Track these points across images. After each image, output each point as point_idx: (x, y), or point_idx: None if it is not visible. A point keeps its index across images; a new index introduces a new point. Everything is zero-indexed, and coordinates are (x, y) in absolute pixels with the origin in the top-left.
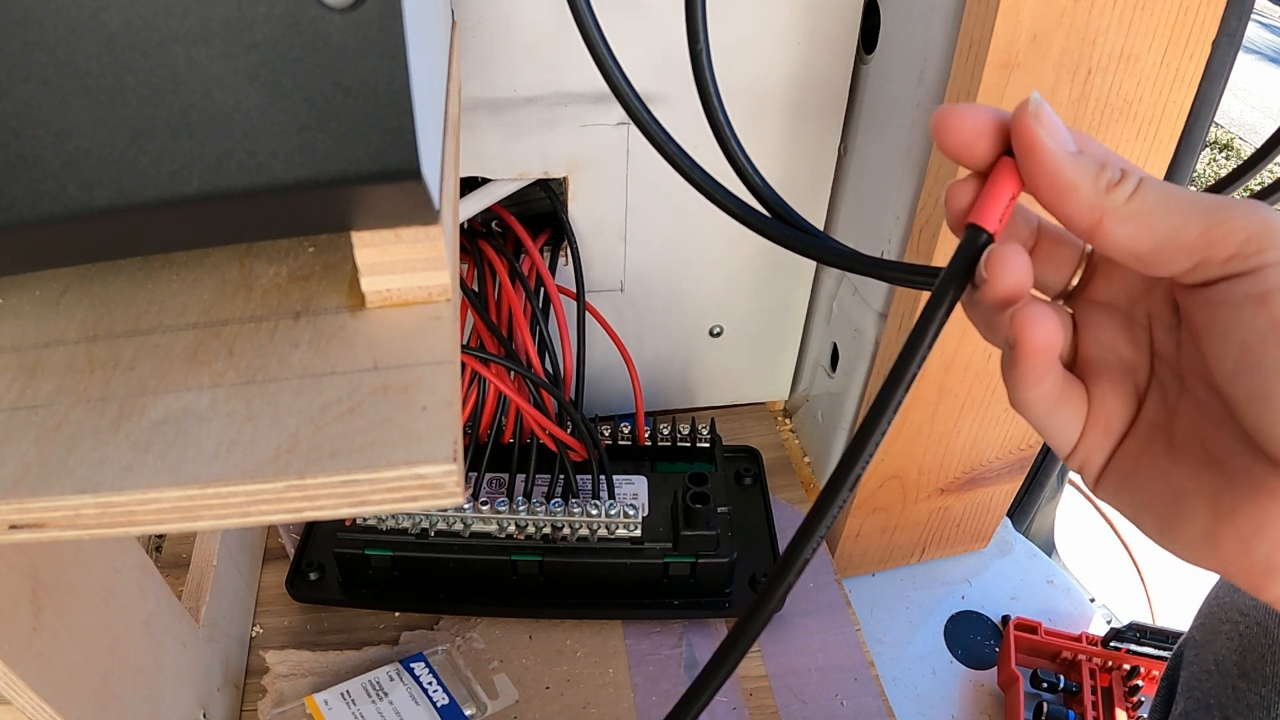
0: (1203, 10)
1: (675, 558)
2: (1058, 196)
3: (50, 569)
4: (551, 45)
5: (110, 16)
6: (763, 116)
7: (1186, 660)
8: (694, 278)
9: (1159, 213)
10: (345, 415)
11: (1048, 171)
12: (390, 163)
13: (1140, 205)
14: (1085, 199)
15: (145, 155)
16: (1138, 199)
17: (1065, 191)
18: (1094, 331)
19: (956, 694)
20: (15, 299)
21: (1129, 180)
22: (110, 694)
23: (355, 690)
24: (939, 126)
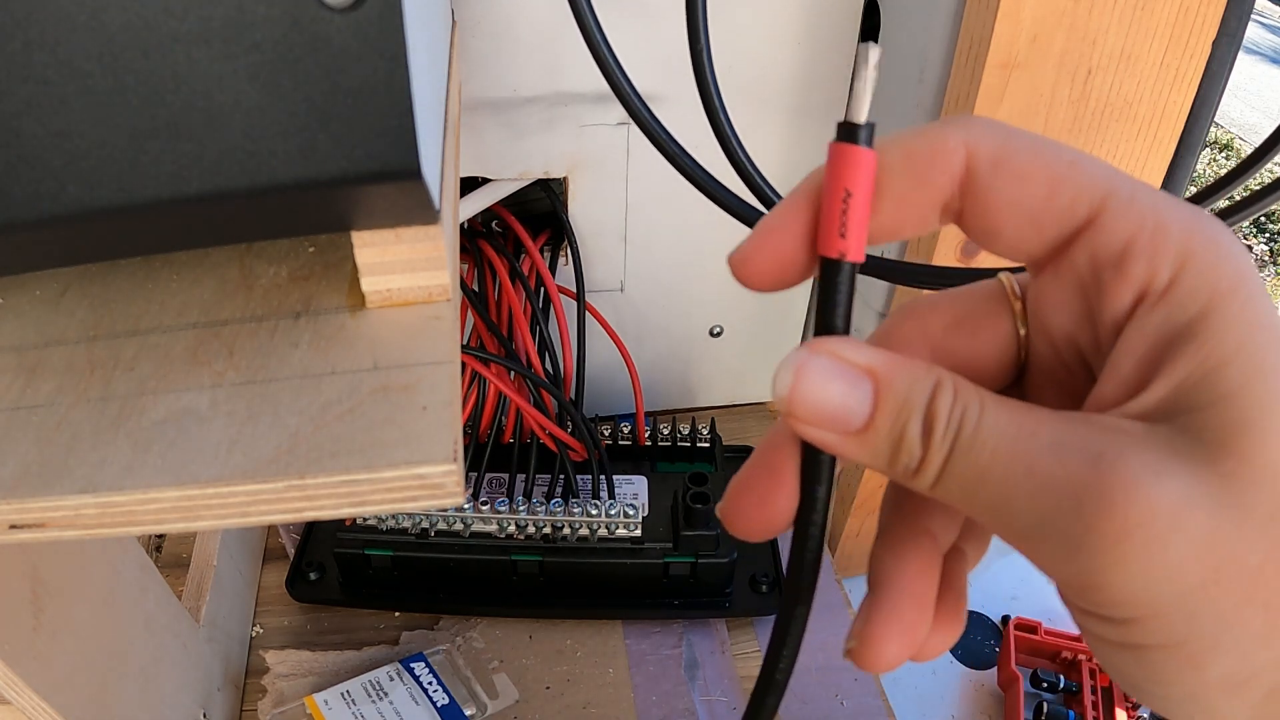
0: (1203, 10)
1: (675, 558)
2: None
3: (50, 569)
4: (551, 45)
5: (110, 16)
6: (763, 116)
7: None
8: (694, 278)
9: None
10: (345, 415)
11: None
12: (390, 163)
13: (947, 493)
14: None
15: (145, 155)
16: (945, 485)
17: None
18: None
19: (956, 694)
20: (15, 299)
21: (932, 463)
22: (110, 694)
23: (355, 690)
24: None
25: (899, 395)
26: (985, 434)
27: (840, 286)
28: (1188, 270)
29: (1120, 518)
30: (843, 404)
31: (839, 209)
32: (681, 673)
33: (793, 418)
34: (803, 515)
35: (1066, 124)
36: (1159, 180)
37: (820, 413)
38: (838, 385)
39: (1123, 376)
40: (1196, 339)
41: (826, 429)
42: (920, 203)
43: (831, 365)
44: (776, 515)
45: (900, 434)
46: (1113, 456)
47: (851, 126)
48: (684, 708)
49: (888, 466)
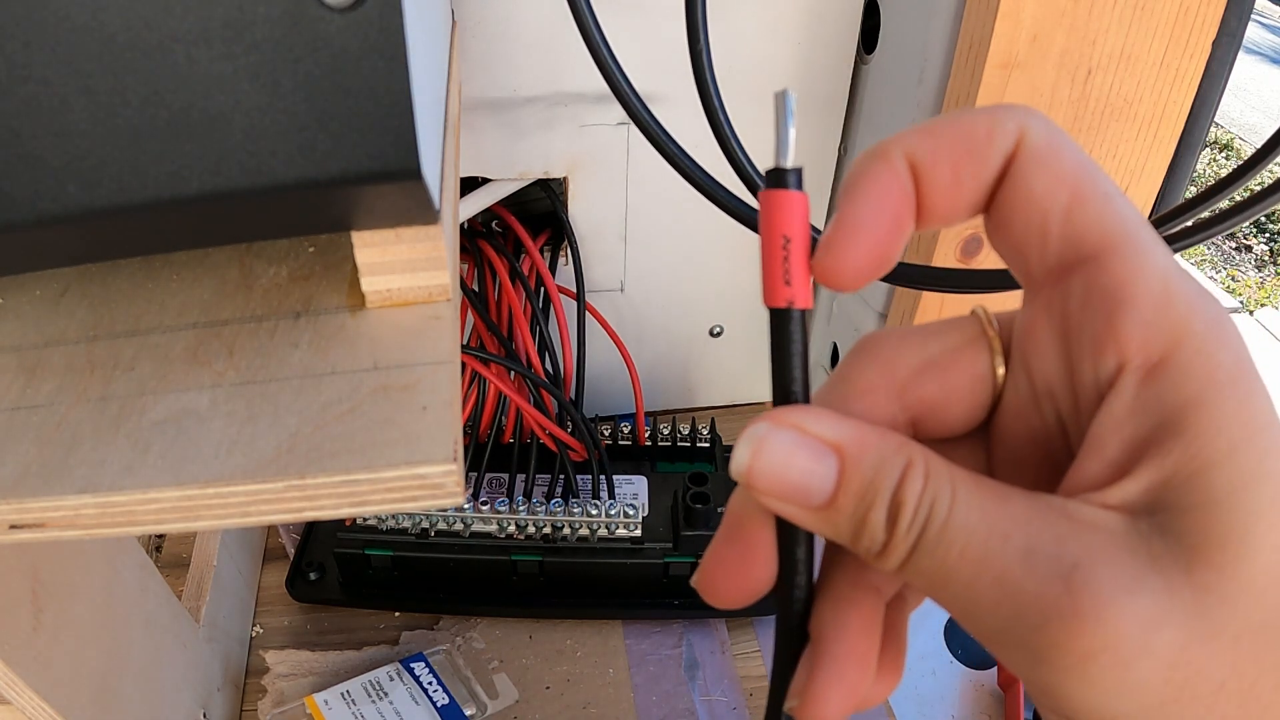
0: (1203, 10)
1: (675, 558)
2: None
3: (50, 569)
4: (551, 45)
5: (110, 16)
6: (763, 117)
7: None
8: (694, 278)
9: (937, 599)
10: (345, 415)
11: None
12: (390, 162)
13: (911, 582)
14: (846, 547)
15: (145, 155)
16: (908, 573)
17: (824, 537)
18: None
19: (956, 694)
20: (15, 299)
21: (895, 551)
22: (110, 694)
23: (355, 690)
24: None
25: (865, 475)
26: (954, 531)
27: (793, 336)
28: (1183, 350)
29: (1088, 639)
30: (804, 480)
31: (780, 256)
32: (681, 673)
33: (753, 490)
34: (784, 578)
35: (1066, 124)
36: (1159, 180)
37: (780, 488)
38: (800, 460)
39: (1106, 458)
40: (1188, 432)
41: (789, 503)
42: (972, 182)
43: (794, 439)
44: (755, 582)
45: (864, 517)
46: (1087, 568)
47: (780, 172)
48: (684, 708)
49: (850, 545)
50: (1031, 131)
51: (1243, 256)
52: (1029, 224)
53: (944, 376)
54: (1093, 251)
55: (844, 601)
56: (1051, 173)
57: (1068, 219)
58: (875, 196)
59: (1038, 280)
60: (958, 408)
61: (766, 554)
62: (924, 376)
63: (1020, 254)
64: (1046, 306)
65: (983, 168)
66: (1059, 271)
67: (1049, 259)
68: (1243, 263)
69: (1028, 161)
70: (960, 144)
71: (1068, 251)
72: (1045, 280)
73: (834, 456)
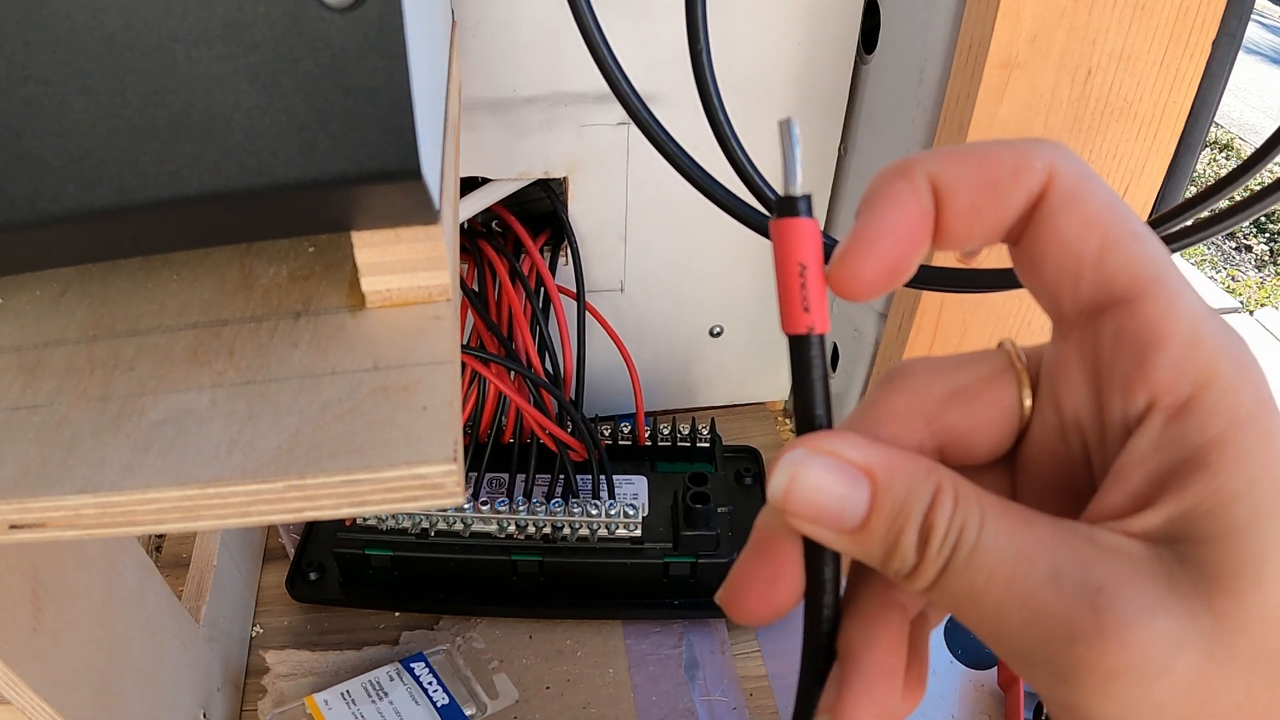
0: (1203, 10)
1: (675, 558)
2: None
3: (50, 569)
4: (551, 45)
5: (110, 16)
6: (763, 116)
7: None
8: (694, 278)
9: (962, 619)
10: (345, 415)
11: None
12: (390, 163)
13: (938, 603)
14: (876, 568)
15: (145, 155)
16: (936, 595)
17: (856, 558)
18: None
19: (957, 694)
20: (15, 299)
21: (925, 573)
22: (110, 694)
23: (355, 690)
24: (733, 610)
25: (896, 500)
26: (983, 555)
27: (814, 361)
28: (1210, 390)
29: (1112, 659)
30: (838, 505)
31: (797, 284)
32: (681, 673)
33: (788, 514)
34: (812, 596)
35: (1066, 124)
36: (1159, 180)
37: (815, 512)
38: (834, 485)
39: (1130, 489)
40: (1210, 467)
41: (821, 526)
42: (992, 215)
43: (829, 465)
44: (782, 599)
45: (895, 540)
46: (1111, 590)
47: (790, 200)
48: (684, 708)
49: (881, 566)
50: (1061, 172)
51: (1243, 256)
52: (1061, 267)
53: (972, 406)
54: (1124, 294)
55: (871, 619)
56: (1082, 217)
57: (1099, 262)
58: (894, 212)
59: (1069, 319)
60: (984, 436)
61: (794, 572)
62: (952, 405)
63: (1052, 294)
64: (1079, 344)
65: (1004, 204)
66: (1090, 311)
67: (1081, 300)
68: (1243, 263)
69: (1058, 205)
70: (984, 176)
71: (1099, 293)
72: (1077, 320)
73: (866, 481)
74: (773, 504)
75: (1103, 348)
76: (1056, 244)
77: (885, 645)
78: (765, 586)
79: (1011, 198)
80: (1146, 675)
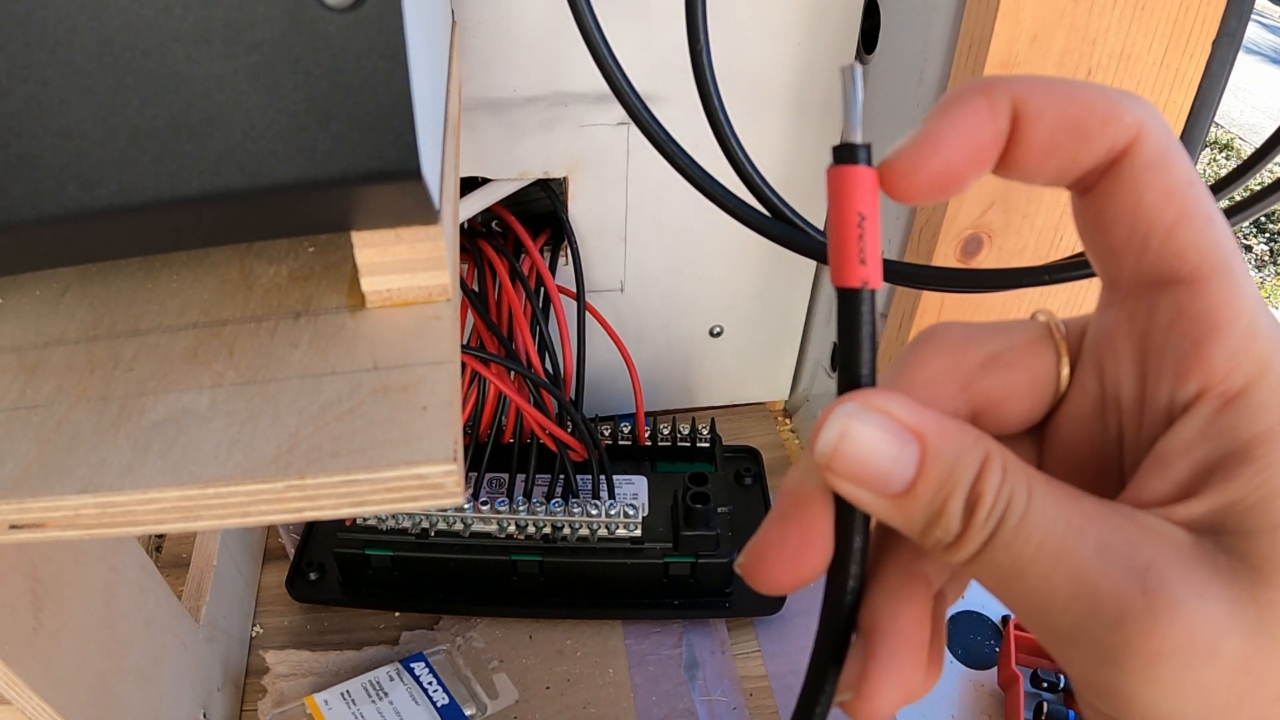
0: (1203, 10)
1: (675, 558)
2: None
3: (50, 569)
4: (551, 45)
5: (110, 16)
6: (763, 116)
7: None
8: (694, 278)
9: (1002, 595)
10: (345, 415)
11: (870, 513)
12: (390, 162)
13: (978, 575)
14: (914, 539)
15: (145, 155)
16: (978, 567)
17: (894, 526)
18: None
19: (956, 694)
20: (15, 299)
21: (969, 543)
22: (110, 694)
23: (355, 690)
24: (755, 585)
25: (945, 465)
26: (1031, 525)
27: (865, 316)
28: (1262, 384)
29: (1159, 640)
30: (887, 466)
31: (855, 235)
32: (681, 673)
33: (831, 473)
34: (839, 566)
35: None
36: None
37: (862, 472)
38: (885, 445)
39: (1173, 477)
40: (1256, 461)
41: (865, 488)
42: (1068, 156)
43: (881, 423)
44: (805, 568)
45: (941, 507)
46: (1159, 571)
47: (851, 147)
48: (684, 708)
49: (920, 535)
50: (1150, 134)
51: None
52: (1131, 232)
53: (1008, 373)
54: (1189, 273)
55: (897, 593)
56: (1163, 185)
57: (1170, 236)
58: (966, 121)
59: (1125, 286)
60: (1018, 405)
61: (822, 540)
62: (988, 370)
63: (1114, 257)
64: (1130, 317)
65: (1084, 149)
66: (1150, 284)
67: (1143, 270)
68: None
69: (1141, 167)
70: (1071, 114)
71: (1163, 267)
72: (1133, 289)
73: (916, 444)
74: (820, 459)
75: (1157, 324)
76: (1131, 207)
77: (911, 620)
78: (791, 554)
79: (1094, 144)
80: (1194, 659)
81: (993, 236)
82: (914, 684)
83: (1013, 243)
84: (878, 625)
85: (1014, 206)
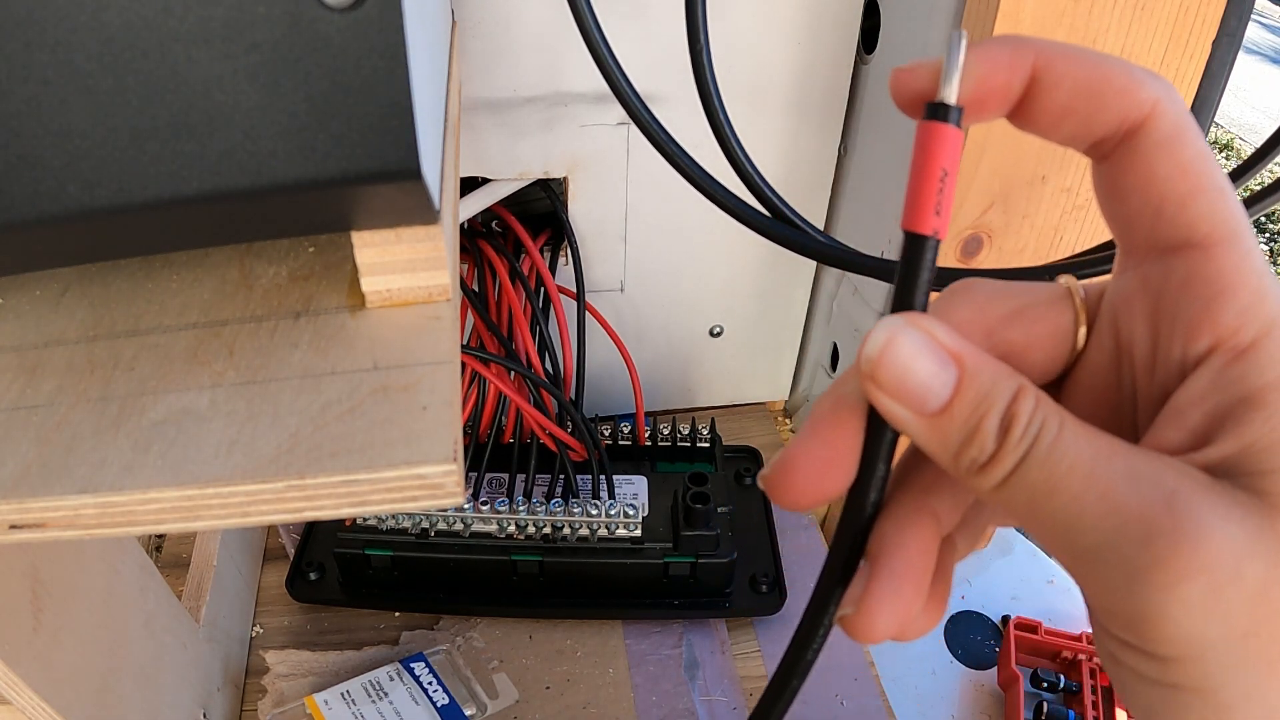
0: (1203, 10)
1: (675, 558)
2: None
3: (50, 569)
4: (551, 45)
5: (110, 16)
6: (763, 116)
7: None
8: (694, 278)
9: (1031, 518)
10: (345, 415)
11: (902, 432)
12: (390, 162)
13: (1009, 499)
14: (947, 468)
15: (145, 155)
16: (1009, 490)
17: (926, 453)
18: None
19: (956, 694)
20: (15, 299)
21: (1002, 462)
22: (110, 694)
23: (355, 690)
24: (776, 499)
25: (981, 388)
26: (1064, 448)
27: (927, 263)
28: (1270, 339)
29: (1187, 558)
30: (927, 382)
31: (936, 187)
32: (681, 673)
33: (874, 384)
34: (860, 485)
35: None
36: None
37: (903, 385)
38: (926, 362)
39: (1188, 426)
40: (1268, 408)
41: (904, 404)
42: (1082, 121)
43: (923, 340)
44: (827, 486)
45: (976, 425)
46: (1186, 496)
47: (945, 107)
48: (684, 708)
49: (953, 457)
50: (1165, 111)
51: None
52: (1145, 202)
53: (1030, 327)
54: (1201, 240)
55: (906, 523)
56: (1177, 161)
57: (1183, 206)
58: (984, 65)
59: (1139, 250)
60: (1039, 356)
61: (847, 459)
62: (1012, 323)
63: (1129, 223)
64: (1144, 280)
65: (1098, 116)
66: (1163, 248)
67: (1156, 236)
68: None
69: (1156, 143)
70: (1090, 81)
71: (1176, 234)
72: (1147, 254)
73: (955, 367)
74: (865, 367)
75: (1170, 286)
76: (1146, 179)
77: (916, 550)
78: (815, 470)
79: (1108, 113)
80: (1218, 580)
81: (993, 236)
82: (911, 612)
83: (1013, 243)
84: (884, 549)
85: (1014, 206)
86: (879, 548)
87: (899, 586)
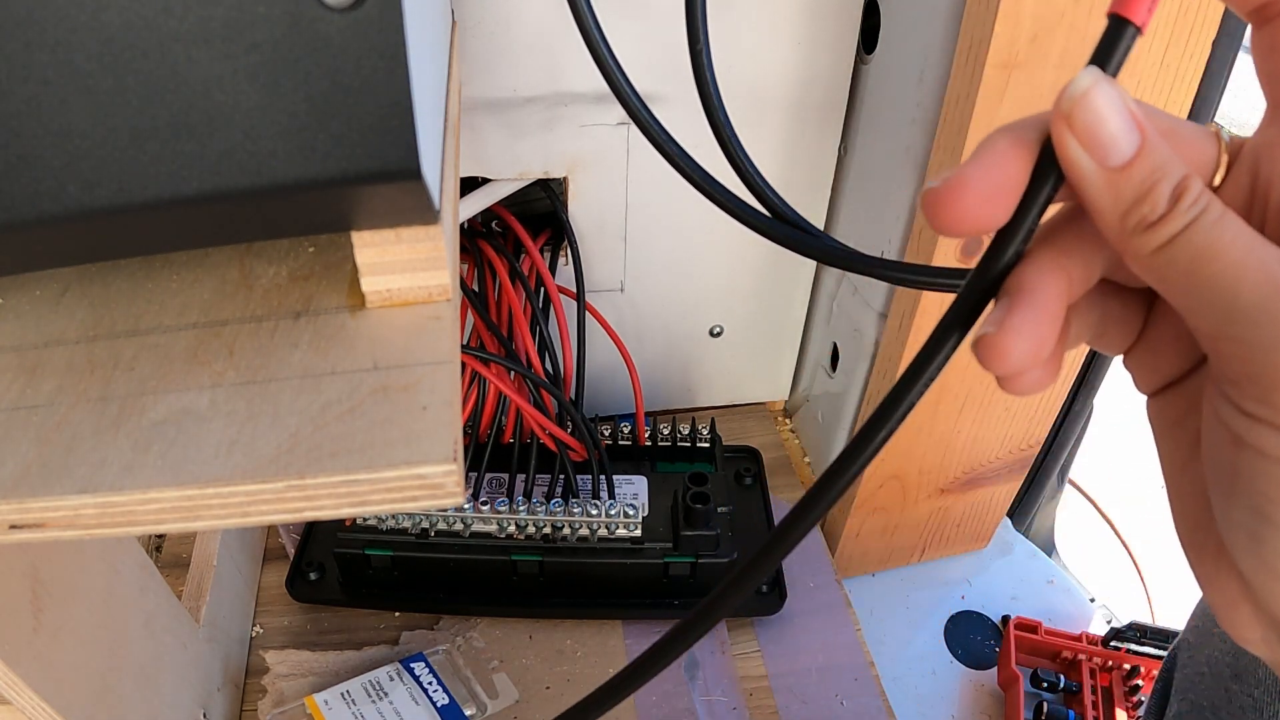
0: (1203, 10)
1: (675, 558)
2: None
3: (50, 569)
4: (551, 45)
5: (110, 16)
6: (763, 116)
7: (1180, 663)
8: (694, 278)
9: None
10: (345, 415)
11: (1076, 183)
12: (390, 162)
13: (1170, 260)
14: (1110, 227)
15: (145, 155)
16: (1172, 251)
17: (1092, 211)
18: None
19: (956, 694)
20: (15, 299)
21: (1170, 223)
22: (110, 694)
23: (355, 690)
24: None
25: (1160, 157)
26: (1228, 222)
27: (1124, 45)
28: None
29: None
30: (1116, 135)
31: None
32: (681, 673)
33: (1071, 123)
34: (1010, 230)
35: None
36: None
37: (1095, 133)
38: (1119, 118)
39: None
40: None
41: (1091, 150)
42: None
43: (1120, 98)
44: (985, 216)
45: (1151, 186)
46: None
47: None
48: (684, 708)
49: (1121, 214)
50: None
51: None
52: None
53: (1177, 147)
54: None
55: (1046, 270)
56: None
57: None
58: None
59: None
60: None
61: (1007, 196)
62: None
63: (1277, 81)
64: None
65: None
66: None
67: None
68: None
69: None
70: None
71: None
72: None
73: (1139, 133)
74: (1065, 106)
75: None
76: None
77: (1054, 294)
78: (981, 195)
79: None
80: None
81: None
82: (1044, 349)
83: None
84: (1025, 287)
85: None
86: (1020, 285)
87: (1039, 317)
